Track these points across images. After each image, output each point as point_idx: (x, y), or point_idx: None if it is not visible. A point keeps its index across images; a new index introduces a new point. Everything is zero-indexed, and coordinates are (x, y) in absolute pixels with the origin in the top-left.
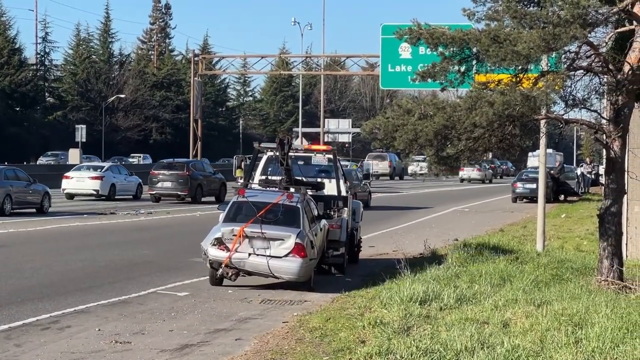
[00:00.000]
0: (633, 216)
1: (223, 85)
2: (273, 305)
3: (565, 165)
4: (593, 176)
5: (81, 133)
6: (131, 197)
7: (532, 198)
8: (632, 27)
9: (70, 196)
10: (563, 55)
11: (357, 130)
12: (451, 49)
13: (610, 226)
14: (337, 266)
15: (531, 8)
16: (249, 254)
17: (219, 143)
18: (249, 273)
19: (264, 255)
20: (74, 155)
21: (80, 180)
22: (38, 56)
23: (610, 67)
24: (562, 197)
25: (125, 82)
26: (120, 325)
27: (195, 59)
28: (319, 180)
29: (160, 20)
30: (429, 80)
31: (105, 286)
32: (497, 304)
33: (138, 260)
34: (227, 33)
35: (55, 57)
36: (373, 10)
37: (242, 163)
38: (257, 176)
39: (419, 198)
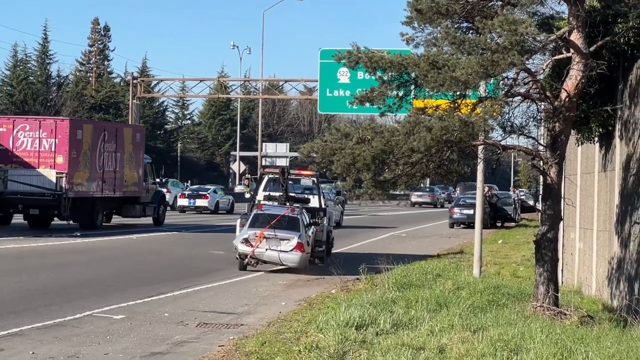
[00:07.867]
0: (569, 242)
1: (162, 108)
2: (209, 328)
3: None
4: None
5: None
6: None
7: (469, 224)
8: (569, 54)
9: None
10: (501, 82)
11: (295, 154)
12: (390, 73)
13: (546, 252)
14: (319, 258)
15: (470, 35)
16: (266, 249)
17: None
18: (265, 262)
19: (276, 250)
20: None
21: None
22: None
23: (548, 94)
24: (499, 222)
25: (63, 104)
26: (55, 349)
27: (134, 81)
28: (305, 196)
29: (99, 43)
30: (367, 104)
31: (40, 309)
32: (433, 329)
33: (74, 282)
34: (166, 56)
35: None
36: (312, 36)
37: (249, 182)
38: (261, 192)
39: (355, 222)
